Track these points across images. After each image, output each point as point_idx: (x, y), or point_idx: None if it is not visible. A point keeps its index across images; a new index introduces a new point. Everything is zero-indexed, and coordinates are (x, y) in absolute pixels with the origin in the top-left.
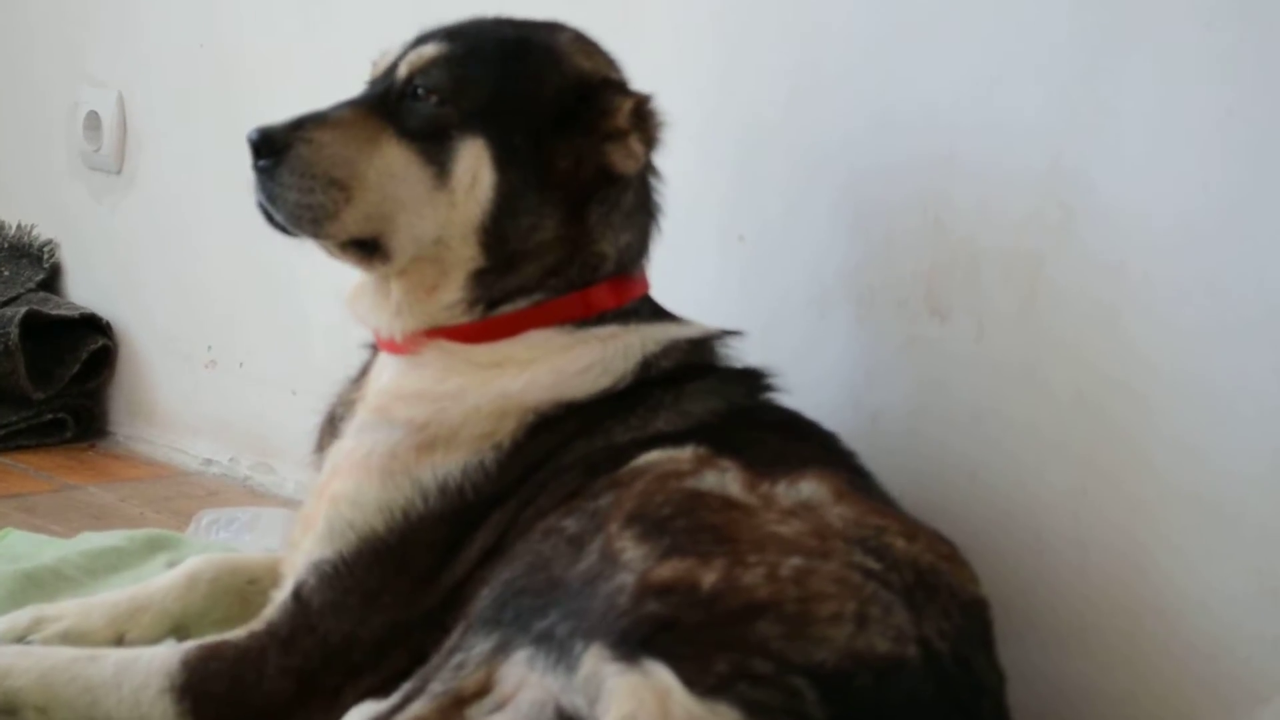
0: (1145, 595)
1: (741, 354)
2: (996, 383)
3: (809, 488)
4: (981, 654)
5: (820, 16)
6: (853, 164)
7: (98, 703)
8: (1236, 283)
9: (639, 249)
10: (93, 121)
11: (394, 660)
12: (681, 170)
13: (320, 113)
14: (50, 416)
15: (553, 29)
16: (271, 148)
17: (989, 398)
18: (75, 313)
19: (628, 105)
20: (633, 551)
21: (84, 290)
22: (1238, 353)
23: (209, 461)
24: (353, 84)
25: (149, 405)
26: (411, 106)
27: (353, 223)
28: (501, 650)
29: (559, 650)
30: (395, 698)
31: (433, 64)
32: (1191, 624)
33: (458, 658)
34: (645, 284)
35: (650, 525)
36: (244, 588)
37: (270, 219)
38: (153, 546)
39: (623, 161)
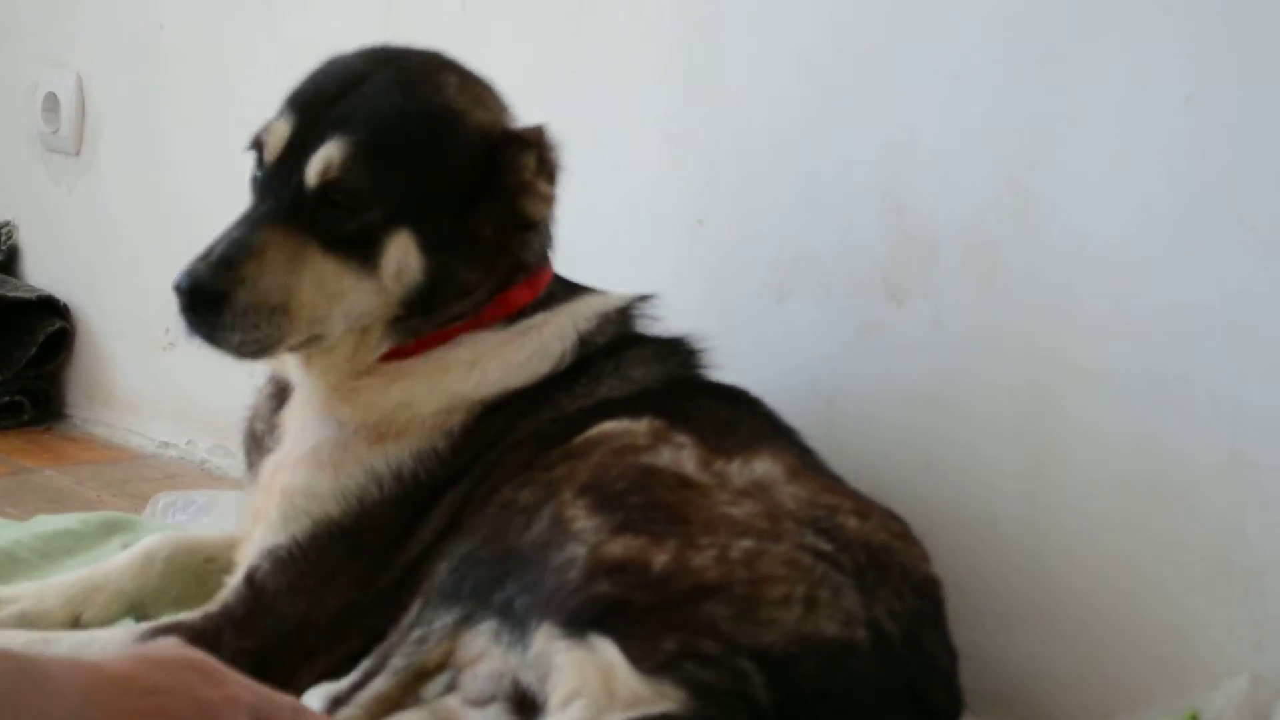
0: (1100, 578)
1: (661, 317)
2: (953, 368)
3: (763, 466)
4: (933, 633)
5: (781, 5)
6: (812, 150)
7: None
8: (1193, 270)
9: (547, 244)
10: (51, 103)
11: (349, 642)
12: (642, 155)
13: (240, 240)
14: (7, 399)
15: (436, 77)
16: (208, 300)
17: (945, 383)
18: (32, 295)
19: (532, 159)
20: (584, 521)
21: (41, 272)
22: (1193, 340)
23: (166, 444)
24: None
25: (106, 388)
26: (331, 214)
27: (294, 337)
28: (465, 623)
29: (516, 624)
30: (355, 675)
31: (344, 169)
32: (1146, 607)
33: (418, 632)
34: (551, 266)
35: (604, 497)
36: (200, 566)
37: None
38: (108, 529)
39: (536, 208)
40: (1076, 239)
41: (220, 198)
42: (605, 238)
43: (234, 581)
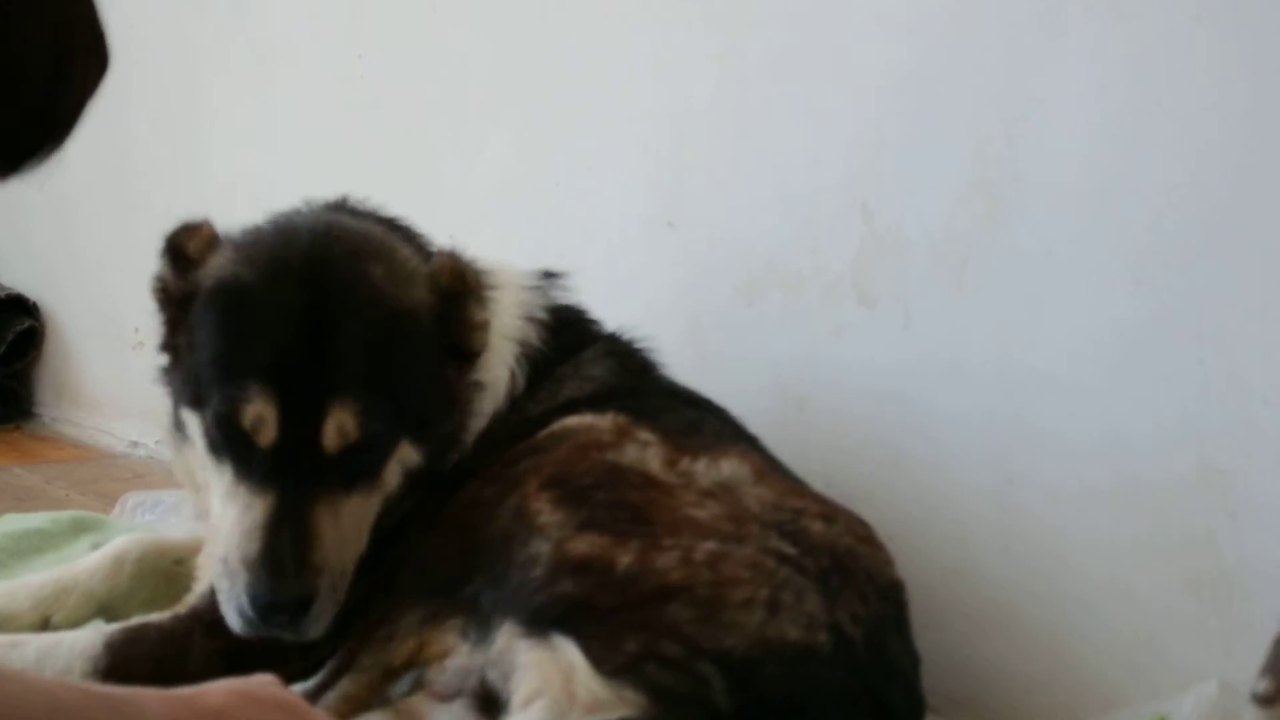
0: (1068, 584)
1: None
2: (923, 371)
3: (730, 466)
4: (895, 638)
5: (749, 8)
6: (781, 151)
7: None
8: (1162, 273)
9: None
10: None
11: (320, 647)
12: (611, 157)
13: (298, 534)
14: None
15: (372, 284)
16: (304, 603)
17: (915, 386)
18: (1, 294)
19: (470, 301)
20: (549, 516)
21: (9, 271)
22: (1161, 344)
23: (135, 444)
24: (284, 74)
25: (75, 387)
26: (350, 465)
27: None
28: (433, 619)
29: (482, 621)
30: (323, 674)
31: (360, 428)
32: (1114, 612)
33: (385, 629)
34: None
35: (569, 492)
36: (170, 569)
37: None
38: (77, 529)
39: (482, 339)
40: (1046, 243)
41: (186, 198)
42: (575, 240)
43: (203, 586)
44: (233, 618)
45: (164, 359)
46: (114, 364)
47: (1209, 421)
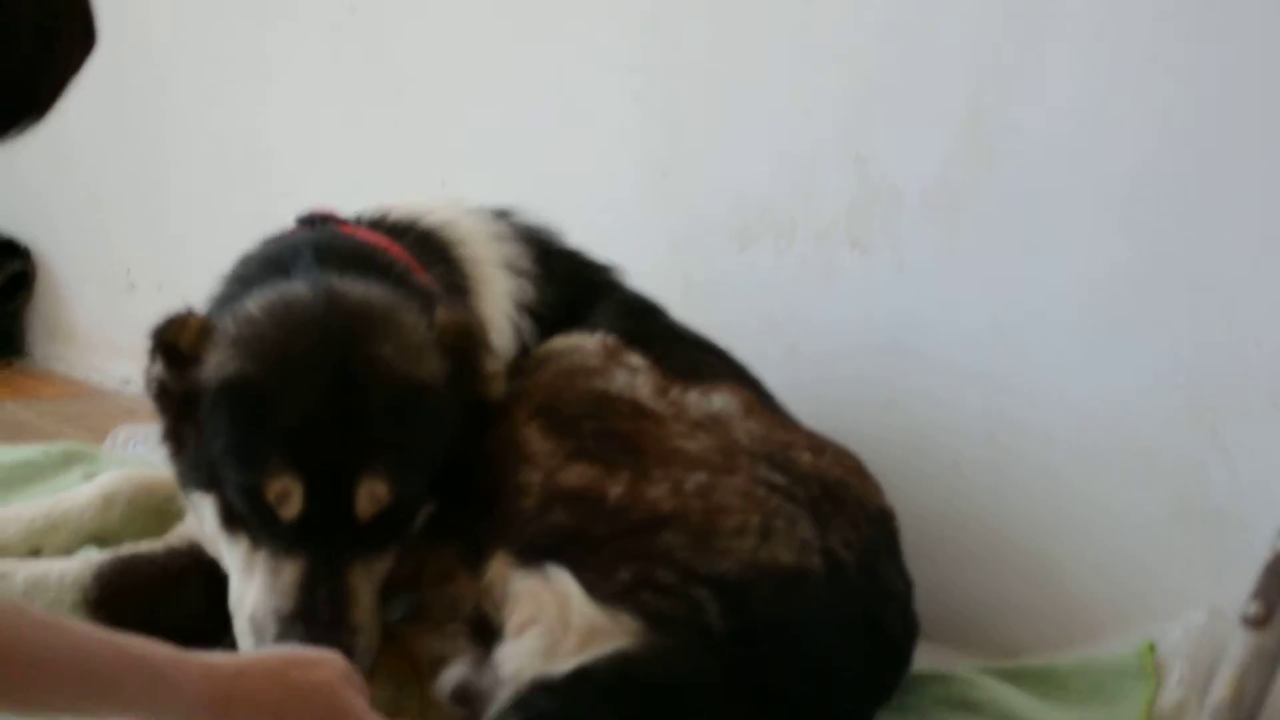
0: (1060, 515)
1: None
2: (915, 313)
3: (720, 400)
4: (888, 562)
5: None
6: (774, 101)
7: None
8: (1154, 220)
9: None
10: None
11: None
12: (606, 107)
13: (335, 595)
14: None
15: (384, 356)
16: None
17: (907, 328)
18: None
19: (481, 354)
20: (539, 444)
21: (2, 214)
22: (1153, 289)
23: (127, 381)
24: (278, 24)
25: (68, 327)
26: (381, 530)
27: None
28: (430, 541)
29: (475, 549)
30: None
31: (392, 495)
32: (1105, 543)
33: None
34: None
35: (558, 421)
36: (161, 506)
37: None
38: (69, 459)
39: (497, 388)
40: (1038, 192)
41: (180, 145)
42: (571, 189)
43: (192, 523)
44: None
45: (166, 446)
46: (106, 305)
47: (1200, 364)
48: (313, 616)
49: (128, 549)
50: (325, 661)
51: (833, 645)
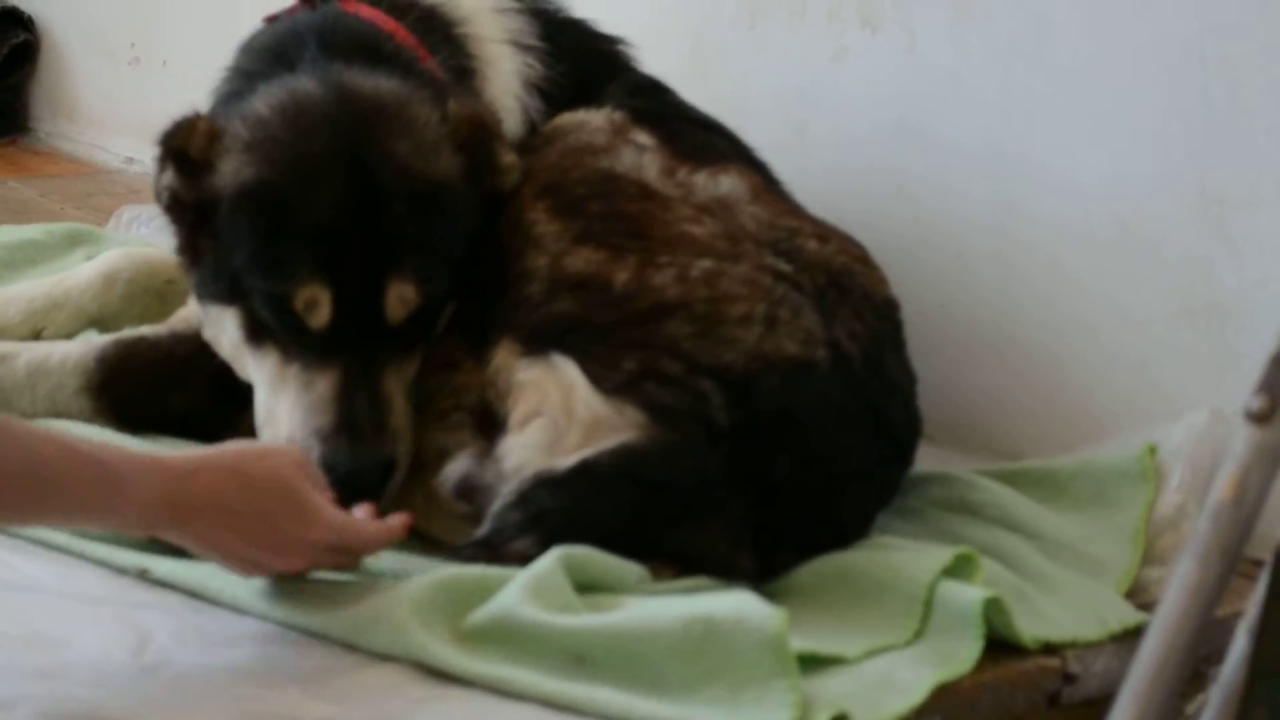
0: (1065, 310)
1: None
2: (925, 96)
3: (729, 182)
4: (893, 354)
5: None
6: None
7: (10, 404)
8: (1171, 3)
9: None
10: None
11: None
12: None
13: (372, 401)
14: None
15: (404, 153)
16: (387, 469)
17: (918, 109)
18: None
19: (498, 146)
20: (545, 227)
21: None
22: (1167, 71)
23: (131, 160)
24: None
25: (71, 102)
26: (409, 331)
27: None
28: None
29: (480, 336)
30: None
31: (421, 295)
32: (1110, 339)
33: None
34: None
35: (564, 202)
36: (162, 288)
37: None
38: (72, 240)
39: (511, 178)
40: None
41: None
42: None
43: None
44: None
45: (181, 259)
46: (110, 80)
47: (1212, 151)
48: (355, 428)
49: (130, 332)
50: (282, 453)
51: (837, 439)
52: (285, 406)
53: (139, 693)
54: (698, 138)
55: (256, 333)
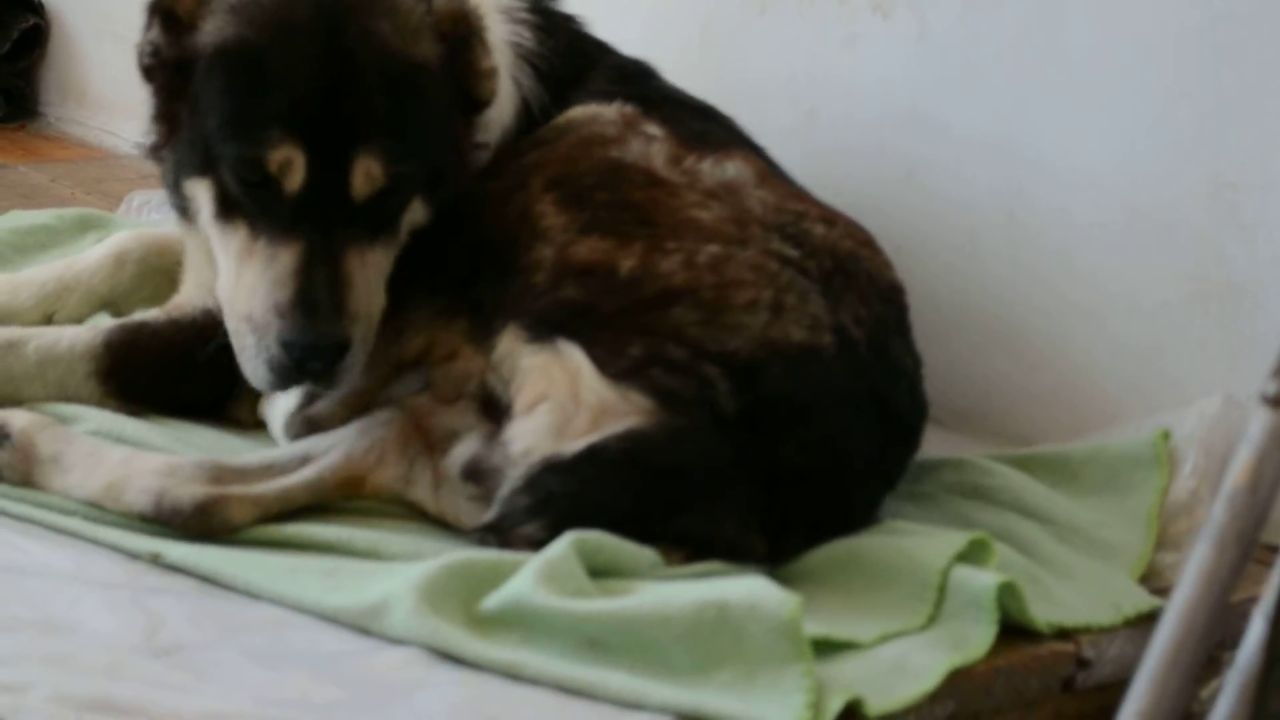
0: (1075, 298)
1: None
2: (936, 82)
3: (734, 168)
4: (897, 339)
5: None
6: None
7: (20, 391)
8: None
9: None
10: None
11: None
12: None
13: (331, 279)
14: None
15: (382, 34)
16: (340, 348)
17: (928, 97)
18: None
19: (477, 46)
20: (553, 219)
21: None
22: (1178, 58)
23: (141, 145)
24: None
25: (81, 87)
26: (375, 213)
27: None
28: (441, 316)
29: (484, 324)
30: None
31: (387, 173)
32: (1121, 326)
33: (395, 323)
34: None
35: (572, 193)
36: (172, 268)
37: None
38: (83, 225)
39: (490, 87)
40: None
41: None
42: None
43: (191, 288)
44: (261, 374)
45: (157, 132)
46: (120, 64)
47: (1223, 136)
48: (311, 304)
49: (133, 318)
50: None
51: (843, 425)
52: (248, 282)
53: (151, 677)
54: (695, 123)
55: (227, 208)
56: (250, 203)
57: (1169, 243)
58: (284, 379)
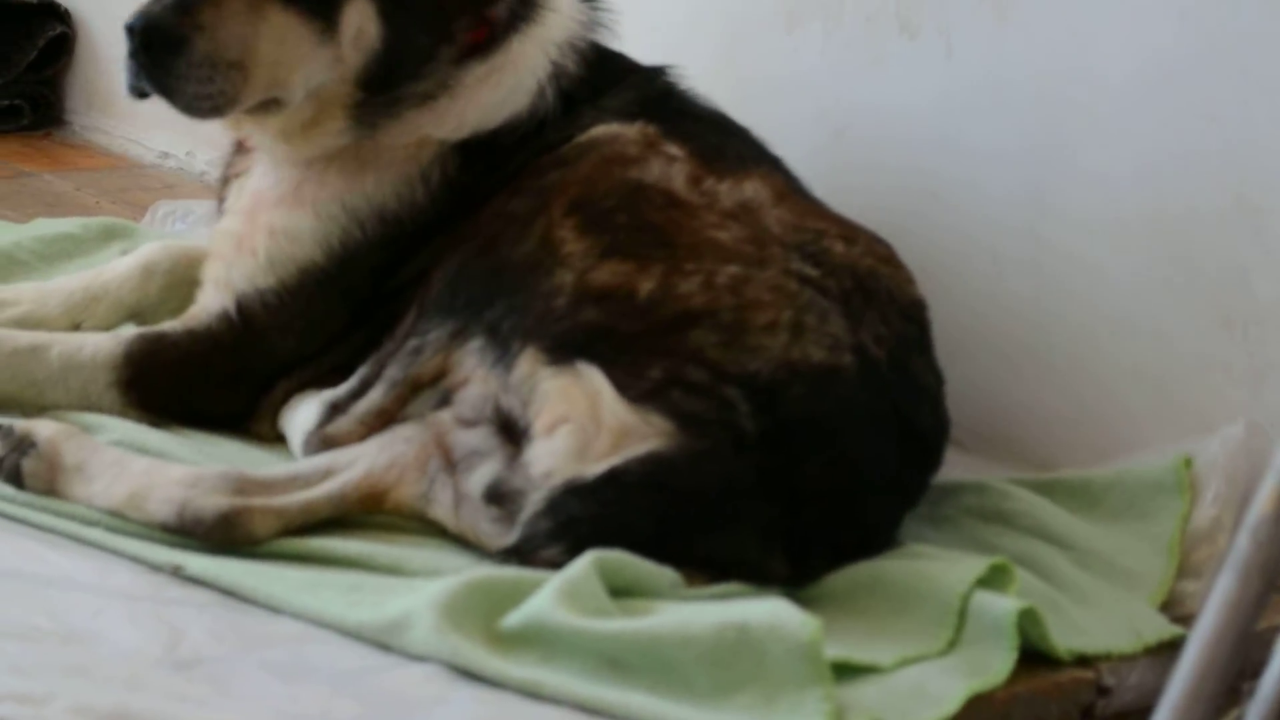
0: (1101, 320)
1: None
2: (962, 103)
3: (752, 187)
4: (919, 357)
5: None
6: None
7: (44, 396)
8: (1210, 6)
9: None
10: None
11: (334, 356)
12: None
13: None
14: (6, 103)
15: None
16: (165, 44)
17: (955, 117)
18: None
19: None
20: (573, 245)
21: None
22: (1205, 79)
23: (166, 154)
24: None
25: (106, 95)
26: None
27: (250, 97)
28: (457, 337)
29: (501, 346)
30: (352, 382)
31: None
32: (1145, 350)
33: (413, 343)
34: None
35: (592, 217)
36: (200, 279)
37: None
38: (108, 235)
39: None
40: None
41: None
42: None
43: (217, 306)
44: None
45: None
46: None
47: (1249, 158)
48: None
49: (153, 328)
50: None
51: (864, 445)
52: None
53: (171, 690)
54: (715, 140)
55: None
56: None
57: (1193, 266)
58: (130, 74)
